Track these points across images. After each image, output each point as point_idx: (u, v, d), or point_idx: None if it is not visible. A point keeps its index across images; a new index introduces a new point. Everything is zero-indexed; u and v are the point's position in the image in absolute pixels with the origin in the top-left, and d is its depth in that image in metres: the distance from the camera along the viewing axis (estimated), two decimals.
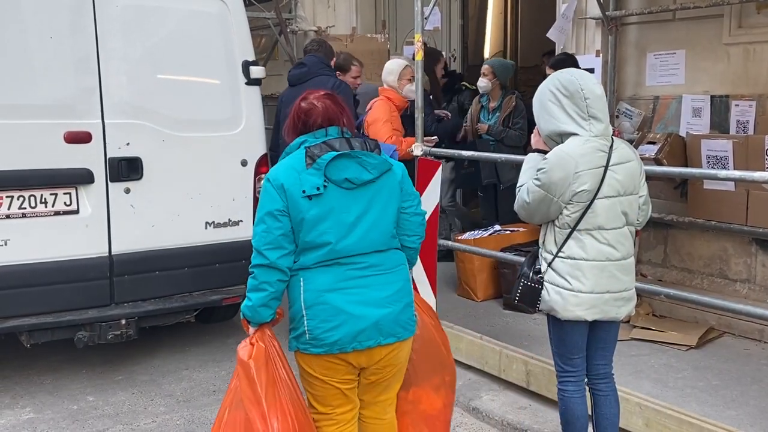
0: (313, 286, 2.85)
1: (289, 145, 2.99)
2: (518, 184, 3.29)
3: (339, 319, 2.82)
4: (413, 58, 6.40)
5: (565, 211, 3.14)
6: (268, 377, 2.86)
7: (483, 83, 6.52)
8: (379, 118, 5.43)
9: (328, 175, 2.81)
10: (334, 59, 5.97)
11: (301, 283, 2.87)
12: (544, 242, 3.27)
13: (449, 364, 3.38)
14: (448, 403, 3.37)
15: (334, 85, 5.36)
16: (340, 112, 2.98)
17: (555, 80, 3.18)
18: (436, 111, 6.74)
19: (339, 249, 2.84)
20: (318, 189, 2.80)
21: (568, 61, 5.66)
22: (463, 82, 7.45)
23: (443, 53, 8.10)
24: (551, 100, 3.16)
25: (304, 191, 2.80)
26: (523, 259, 3.48)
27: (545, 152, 3.23)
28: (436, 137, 5.79)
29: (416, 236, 3.10)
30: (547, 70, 6.04)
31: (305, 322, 2.84)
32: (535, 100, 3.28)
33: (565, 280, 3.16)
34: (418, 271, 5.06)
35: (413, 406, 3.26)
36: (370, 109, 5.62)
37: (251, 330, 2.95)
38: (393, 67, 5.76)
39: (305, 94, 3.07)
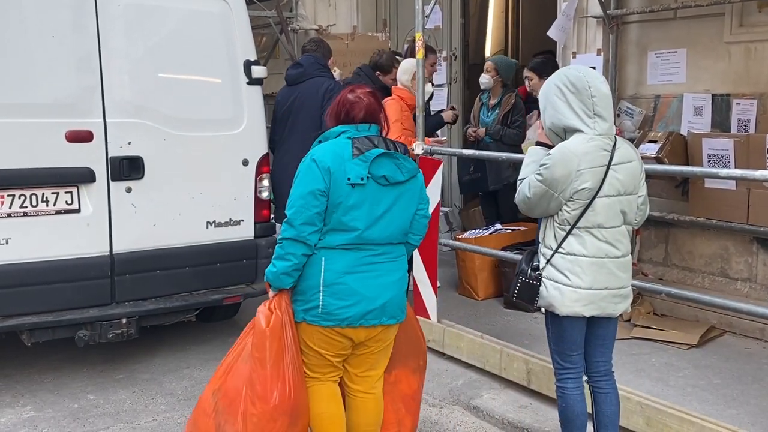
0: (334, 267, 3.13)
1: (328, 129, 3.27)
2: (520, 177, 3.30)
3: (354, 299, 3.13)
4: (405, 55, 6.38)
5: (565, 208, 3.14)
6: (278, 347, 3.13)
7: (485, 79, 6.50)
8: (390, 118, 5.43)
9: (369, 170, 3.09)
10: (331, 58, 6.08)
11: (323, 262, 3.14)
12: (543, 238, 3.28)
13: (424, 348, 3.63)
14: (421, 384, 3.63)
15: (328, 88, 5.42)
16: (381, 112, 3.30)
17: (562, 76, 3.18)
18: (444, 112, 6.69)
19: (364, 236, 3.14)
20: (362, 179, 3.08)
21: (549, 63, 5.67)
22: None
23: (438, 51, 8.07)
24: (557, 95, 3.16)
25: (349, 179, 3.07)
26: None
27: (548, 146, 3.23)
28: (445, 138, 5.81)
29: (419, 236, 3.41)
30: (526, 72, 6.04)
31: (321, 298, 3.13)
32: (540, 95, 3.28)
33: (564, 275, 3.17)
34: (419, 270, 5.07)
35: (393, 386, 3.51)
36: None
37: (271, 293, 3.25)
38: (408, 66, 5.75)
39: (353, 87, 3.36)
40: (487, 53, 9.84)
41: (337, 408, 3.36)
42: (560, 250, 3.18)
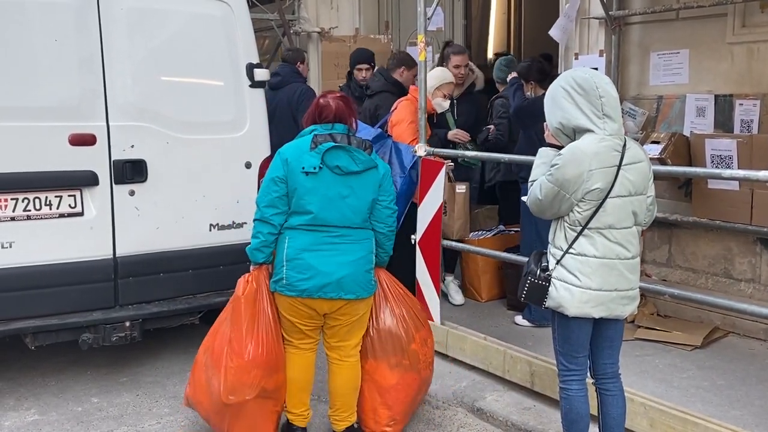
0: (295, 244, 3.62)
1: (303, 129, 3.77)
2: (530, 179, 3.30)
3: (310, 272, 3.59)
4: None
5: (576, 209, 3.14)
6: (252, 312, 3.67)
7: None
8: (405, 119, 5.44)
9: (324, 160, 3.56)
10: (303, 63, 6.95)
11: (286, 240, 3.65)
12: (553, 239, 3.28)
13: (409, 349, 3.93)
14: (405, 384, 3.93)
15: (302, 92, 6.43)
16: (350, 114, 3.76)
17: (569, 78, 3.17)
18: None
19: (319, 218, 3.60)
20: (314, 168, 3.56)
21: (534, 65, 5.63)
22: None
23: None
24: (564, 97, 3.15)
25: (303, 167, 3.56)
26: (527, 258, 3.48)
27: (558, 147, 3.23)
28: (452, 164, 5.69)
29: (384, 224, 3.80)
30: (509, 76, 6.01)
31: (284, 271, 3.62)
32: (546, 98, 3.28)
33: (575, 276, 3.16)
34: (422, 272, 5.07)
35: (368, 375, 3.92)
36: (395, 109, 5.61)
37: (252, 267, 3.78)
38: (436, 74, 5.73)
39: (325, 93, 3.87)
40: (490, 55, 9.85)
41: (306, 376, 3.88)
42: (571, 250, 3.18)
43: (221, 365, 3.65)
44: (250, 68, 4.88)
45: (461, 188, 5.53)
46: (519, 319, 5.61)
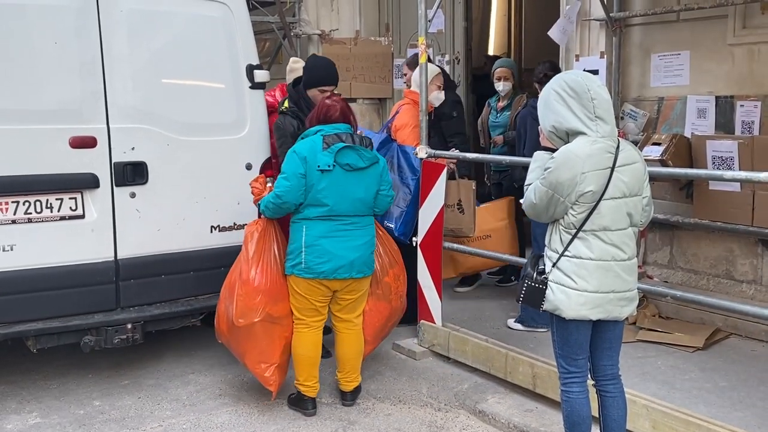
0: (312, 233, 4.11)
1: (308, 129, 4.21)
2: (526, 183, 3.30)
3: (327, 257, 4.09)
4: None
5: (570, 212, 3.14)
6: (259, 249, 4.23)
7: (506, 87, 6.48)
8: (408, 124, 5.46)
9: (336, 158, 4.02)
10: None
11: (304, 229, 4.12)
12: (549, 242, 3.28)
13: (384, 282, 4.57)
14: (377, 310, 4.56)
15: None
16: (351, 113, 4.26)
17: (560, 81, 3.17)
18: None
19: (334, 209, 4.09)
20: (329, 166, 4.03)
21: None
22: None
23: (441, 55, 8.05)
24: (557, 100, 3.15)
25: (318, 166, 4.02)
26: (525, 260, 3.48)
27: (554, 151, 3.23)
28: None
29: (382, 208, 4.38)
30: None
31: (303, 257, 4.10)
32: (539, 102, 3.28)
33: (571, 279, 3.16)
34: (424, 275, 5.07)
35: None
36: (397, 113, 5.60)
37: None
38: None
39: (329, 94, 4.41)
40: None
41: (315, 352, 4.33)
42: (566, 253, 3.18)
43: (234, 294, 4.20)
44: (250, 70, 4.88)
45: (472, 185, 5.50)
46: (511, 322, 5.58)
